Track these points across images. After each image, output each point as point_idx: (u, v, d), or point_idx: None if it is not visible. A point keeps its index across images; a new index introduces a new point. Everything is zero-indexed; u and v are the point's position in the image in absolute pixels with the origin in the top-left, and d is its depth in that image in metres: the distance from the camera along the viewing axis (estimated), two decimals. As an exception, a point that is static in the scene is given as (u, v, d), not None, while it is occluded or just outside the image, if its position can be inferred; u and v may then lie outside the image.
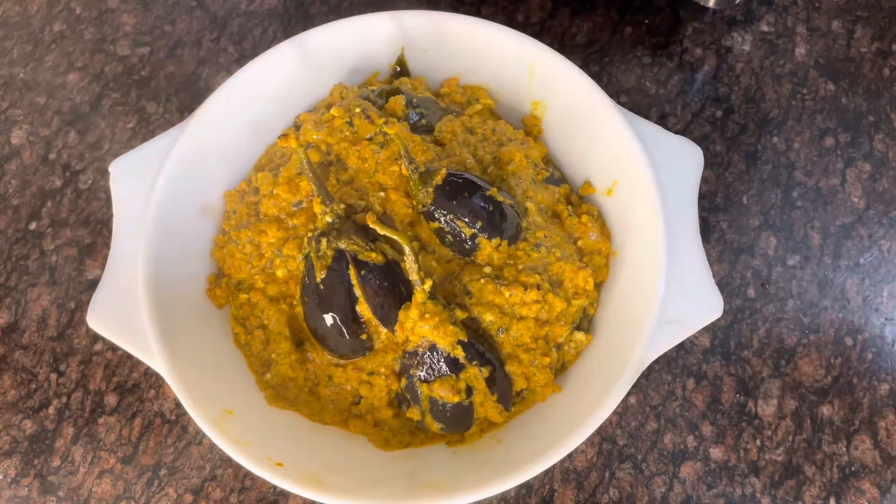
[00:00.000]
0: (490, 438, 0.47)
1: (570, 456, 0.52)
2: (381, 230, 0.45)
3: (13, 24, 0.66)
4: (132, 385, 0.54)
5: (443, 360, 0.44)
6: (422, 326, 0.44)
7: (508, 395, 0.47)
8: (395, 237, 0.45)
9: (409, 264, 0.45)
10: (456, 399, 0.45)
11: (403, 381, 0.46)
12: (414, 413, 0.46)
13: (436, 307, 0.44)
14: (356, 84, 0.55)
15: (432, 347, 0.44)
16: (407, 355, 0.46)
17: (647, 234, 0.47)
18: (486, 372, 0.45)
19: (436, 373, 0.45)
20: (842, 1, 0.66)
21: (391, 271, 0.46)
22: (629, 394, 0.53)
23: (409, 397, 0.46)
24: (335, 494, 0.42)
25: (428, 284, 0.44)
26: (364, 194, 0.48)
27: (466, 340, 0.44)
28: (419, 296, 0.44)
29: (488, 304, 0.46)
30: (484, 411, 0.46)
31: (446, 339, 0.44)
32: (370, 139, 0.49)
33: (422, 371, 0.45)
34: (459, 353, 0.44)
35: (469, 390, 0.45)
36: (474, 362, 0.45)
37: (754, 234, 0.58)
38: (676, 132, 0.59)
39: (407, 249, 0.44)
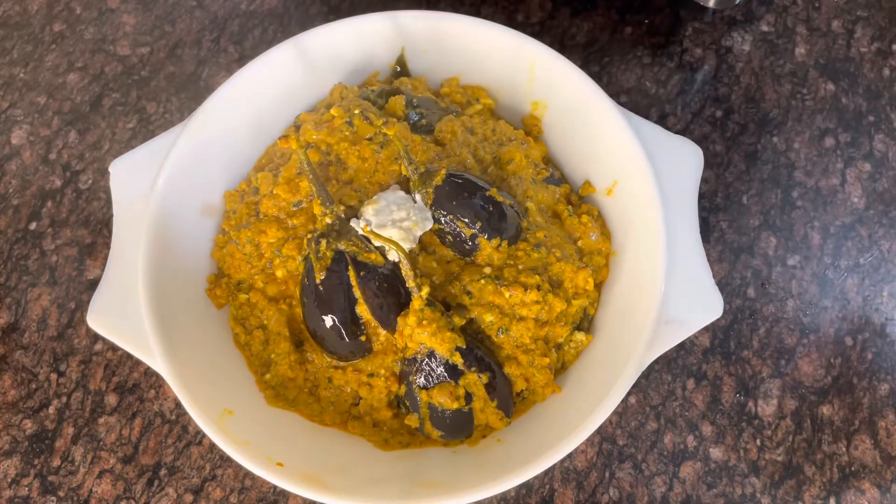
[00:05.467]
0: (490, 438, 0.47)
1: (570, 456, 0.52)
2: (375, 239, 0.45)
3: (13, 24, 0.66)
4: (132, 385, 0.54)
5: (441, 366, 0.44)
6: (420, 333, 0.44)
7: (509, 402, 0.46)
8: (390, 245, 0.45)
9: (406, 271, 0.45)
10: (455, 405, 0.45)
11: (403, 388, 0.46)
12: (412, 420, 0.46)
13: (433, 314, 0.44)
14: (356, 84, 0.55)
15: (430, 354, 0.44)
16: (406, 362, 0.46)
17: (647, 234, 0.47)
18: (485, 378, 0.45)
19: (434, 379, 0.45)
20: (842, 1, 0.66)
21: (391, 272, 0.46)
22: (629, 394, 0.53)
23: (408, 404, 0.46)
24: (335, 494, 0.42)
25: (425, 291, 0.44)
26: (364, 195, 0.48)
27: (465, 347, 0.44)
28: (416, 303, 0.44)
29: (488, 305, 0.46)
30: (485, 418, 0.46)
31: (444, 346, 0.44)
32: (370, 139, 0.49)
33: (420, 378, 0.45)
34: (458, 360, 0.44)
35: (469, 397, 0.45)
36: (473, 368, 0.44)
37: (754, 234, 0.58)
38: (676, 132, 0.59)
39: (402, 257, 0.44)
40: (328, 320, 0.46)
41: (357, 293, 0.45)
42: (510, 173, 0.50)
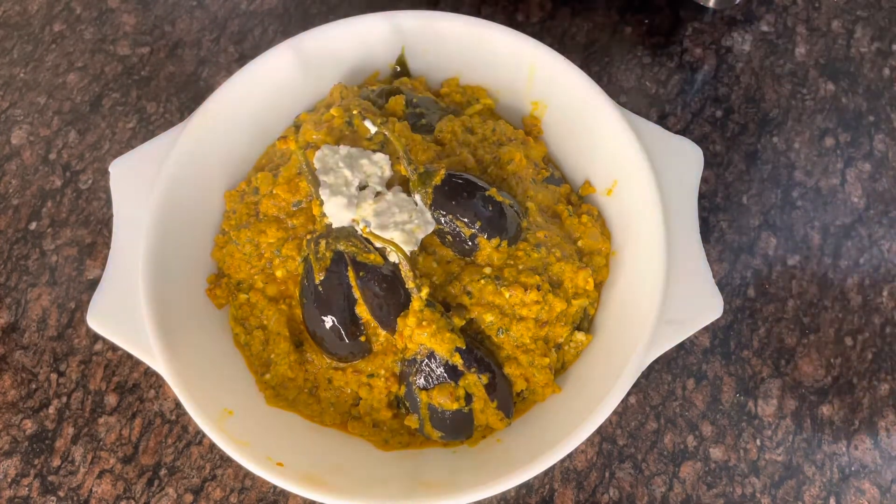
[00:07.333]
0: (490, 438, 0.47)
1: (570, 456, 0.52)
2: (374, 240, 0.45)
3: (13, 24, 0.66)
4: (132, 385, 0.54)
5: (441, 367, 0.44)
6: (419, 334, 0.44)
7: (509, 402, 0.46)
8: (390, 246, 0.44)
9: (405, 272, 0.45)
10: (455, 406, 0.45)
11: (403, 389, 0.46)
12: (412, 421, 0.46)
13: (433, 315, 0.44)
14: (356, 84, 0.55)
15: (430, 355, 0.44)
16: (406, 363, 0.46)
17: (647, 234, 0.47)
18: (485, 378, 0.45)
19: (434, 380, 0.45)
20: (842, 1, 0.66)
21: (391, 273, 0.46)
22: (629, 394, 0.53)
23: (408, 405, 0.46)
24: (335, 494, 0.42)
25: (425, 292, 0.44)
26: (364, 194, 0.48)
27: (465, 347, 0.44)
28: (416, 303, 0.44)
29: (488, 305, 0.46)
30: (485, 418, 0.46)
31: (444, 347, 0.44)
32: (370, 139, 0.49)
33: (420, 378, 0.45)
34: (458, 361, 0.44)
35: (468, 397, 0.45)
36: (473, 369, 0.44)
37: (754, 234, 0.58)
38: (676, 132, 0.59)
39: (402, 258, 0.44)
40: (328, 321, 0.46)
41: (357, 294, 0.45)
42: (510, 173, 0.50)
